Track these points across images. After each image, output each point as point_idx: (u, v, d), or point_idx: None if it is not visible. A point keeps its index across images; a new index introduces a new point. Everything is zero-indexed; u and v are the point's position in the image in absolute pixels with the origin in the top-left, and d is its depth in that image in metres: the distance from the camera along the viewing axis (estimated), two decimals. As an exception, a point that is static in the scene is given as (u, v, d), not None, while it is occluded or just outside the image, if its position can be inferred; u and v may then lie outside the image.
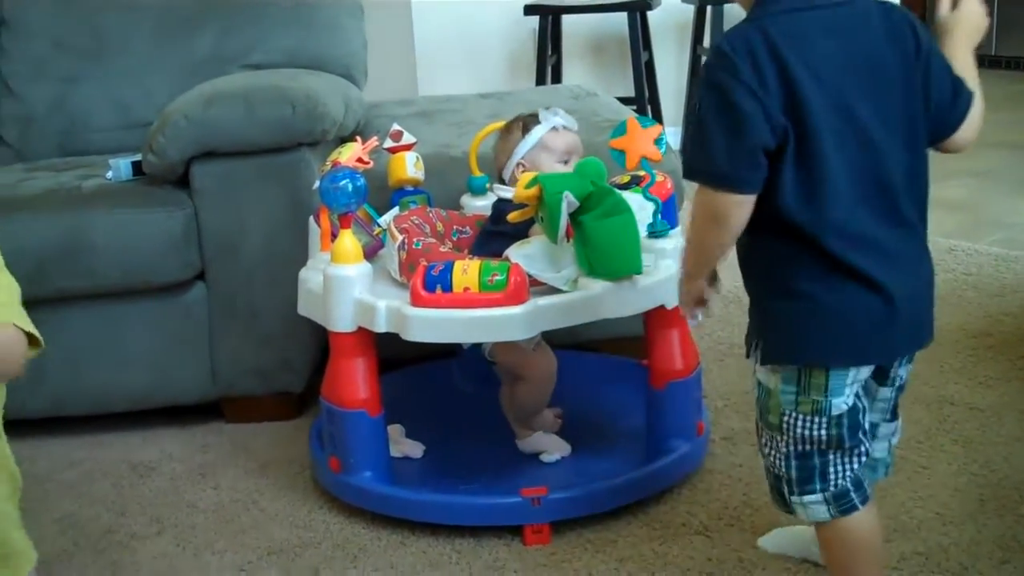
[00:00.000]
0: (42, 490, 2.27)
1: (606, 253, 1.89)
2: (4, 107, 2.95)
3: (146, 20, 2.97)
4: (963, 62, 1.51)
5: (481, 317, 1.85)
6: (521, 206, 1.93)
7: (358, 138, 2.15)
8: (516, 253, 1.95)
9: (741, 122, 1.36)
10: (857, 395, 1.50)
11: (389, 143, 2.34)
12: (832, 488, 1.53)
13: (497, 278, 1.87)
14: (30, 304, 1.31)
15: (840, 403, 1.48)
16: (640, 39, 4.48)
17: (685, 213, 2.13)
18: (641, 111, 4.42)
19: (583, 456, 2.16)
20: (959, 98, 1.48)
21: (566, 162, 2.10)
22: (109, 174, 2.49)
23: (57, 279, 2.32)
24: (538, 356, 2.11)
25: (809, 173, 1.39)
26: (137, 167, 2.47)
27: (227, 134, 2.31)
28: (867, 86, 1.40)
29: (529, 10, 4.50)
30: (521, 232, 1.99)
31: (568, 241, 1.92)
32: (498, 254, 1.97)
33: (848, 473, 1.53)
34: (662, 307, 1.99)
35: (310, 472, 2.24)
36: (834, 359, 1.46)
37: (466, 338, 1.98)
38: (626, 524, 2.00)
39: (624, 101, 4.41)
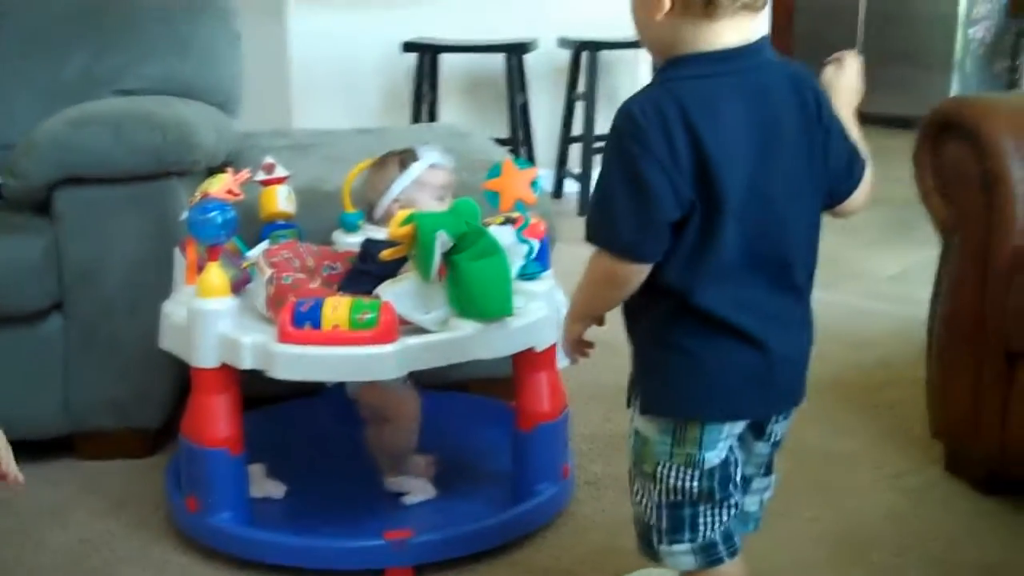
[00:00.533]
0: None
1: (478, 294, 1.88)
2: None
3: (13, 37, 2.85)
4: (849, 124, 1.53)
5: (350, 355, 1.83)
6: (394, 243, 1.92)
7: (229, 169, 2.10)
8: (388, 291, 1.93)
9: (649, 197, 1.34)
10: (731, 448, 1.52)
11: (262, 175, 2.30)
12: (701, 539, 1.54)
13: (367, 316, 1.85)
14: None
15: (713, 457, 1.49)
16: (516, 81, 4.54)
17: (561, 253, 2.16)
18: (515, 152, 4.46)
19: (449, 498, 2.14)
20: (855, 164, 1.51)
21: (442, 199, 2.10)
22: (-36, 197, 2.39)
23: (-97, 304, 2.22)
24: (402, 396, 2.10)
25: (704, 241, 1.38)
26: (-4, 189, 2.38)
27: (95, 159, 2.24)
28: (773, 152, 1.39)
29: (408, 47, 4.52)
30: (391, 272, 1.97)
31: (440, 280, 1.91)
32: (367, 293, 1.95)
33: (718, 525, 1.54)
34: (531, 349, 2.00)
35: (165, 512, 2.16)
36: (709, 414, 1.47)
37: (334, 376, 1.95)
38: (490, 567, 1.98)
39: (499, 142, 4.44)
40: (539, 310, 1.99)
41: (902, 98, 6.37)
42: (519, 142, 4.61)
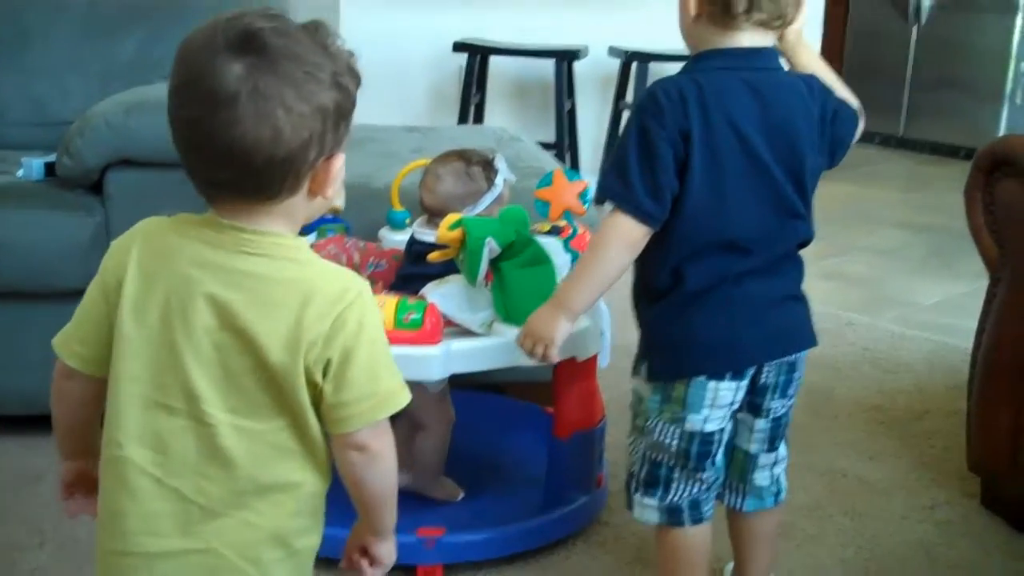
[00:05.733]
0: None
1: (523, 301, 1.88)
2: (-81, 93, 2.87)
3: (71, 20, 2.91)
4: (817, 66, 1.71)
5: (394, 355, 1.83)
6: (443, 246, 1.93)
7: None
8: (434, 291, 1.94)
9: (659, 167, 1.55)
10: (721, 430, 1.69)
11: (312, 168, 2.32)
12: (668, 501, 1.72)
13: (413, 316, 1.85)
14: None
15: (696, 420, 1.66)
16: (565, 87, 4.54)
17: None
18: (560, 158, 4.47)
19: (481, 500, 2.15)
20: (857, 122, 1.71)
21: None
22: (20, 172, 2.43)
23: (-44, 276, 2.25)
24: (439, 406, 2.10)
25: (698, 216, 1.59)
26: (50, 168, 2.41)
27: (146, 144, 2.26)
28: (778, 142, 1.59)
29: (458, 47, 4.54)
30: (440, 272, 1.98)
31: (487, 285, 1.92)
32: (414, 293, 1.96)
33: (686, 494, 1.72)
34: (573, 359, 2.00)
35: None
36: (693, 371, 1.65)
37: (376, 373, 1.96)
38: (520, 572, 1.99)
39: (544, 146, 4.46)
40: (581, 320, 1.99)
41: (950, 127, 6.35)
42: (564, 147, 4.61)
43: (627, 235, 1.59)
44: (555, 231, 2.13)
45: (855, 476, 2.40)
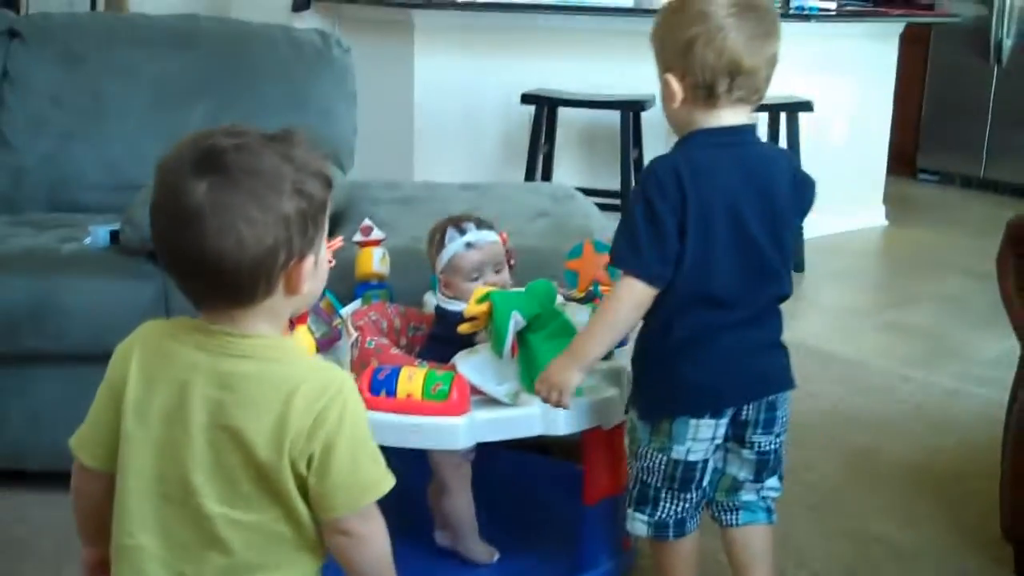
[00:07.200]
0: (-13, 544, 2.33)
1: (548, 373, 1.96)
2: (-1, 157, 3.06)
3: (144, 88, 3.08)
4: None
5: (420, 424, 1.93)
6: (471, 318, 2.01)
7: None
8: (463, 361, 2.03)
9: (664, 234, 1.75)
10: (705, 460, 1.90)
11: (359, 237, 2.43)
12: (656, 517, 1.94)
13: (440, 388, 1.94)
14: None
15: (680, 450, 1.87)
16: (631, 136, 4.60)
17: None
18: (626, 206, 4.53)
19: (512, 561, 2.21)
20: (814, 190, 1.92)
21: (476, 279, 2.14)
22: (87, 240, 2.58)
23: (26, 339, 2.41)
24: (460, 468, 2.16)
25: (692, 275, 1.78)
26: (115, 236, 2.55)
27: (206, 215, 2.39)
28: (762, 209, 1.80)
29: (526, 99, 4.63)
30: (465, 338, 2.06)
31: (513, 357, 2.00)
32: (442, 358, 2.05)
33: (672, 511, 1.94)
34: (599, 427, 2.06)
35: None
36: (677, 412, 1.86)
37: (405, 443, 2.02)
38: (545, 634, 2.06)
39: (610, 194, 4.54)
40: (606, 390, 2.06)
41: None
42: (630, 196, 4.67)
43: (638, 296, 1.79)
44: (589, 297, 2.21)
45: (888, 542, 2.42)
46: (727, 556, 2.01)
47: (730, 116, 1.80)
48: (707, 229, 1.76)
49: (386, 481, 1.30)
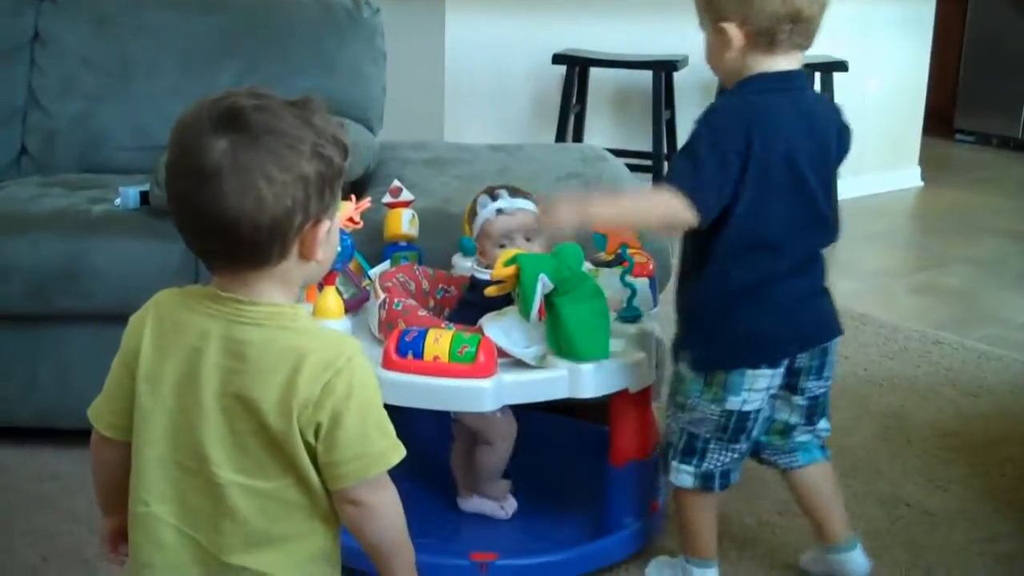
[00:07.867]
0: (19, 500, 2.36)
1: (575, 336, 1.96)
2: (30, 119, 3.07)
3: (173, 50, 3.08)
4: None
5: (447, 386, 1.93)
6: (499, 281, 2.00)
7: (352, 197, 2.23)
8: (490, 324, 2.02)
9: (726, 167, 1.78)
10: (758, 409, 1.92)
11: (388, 198, 2.42)
12: (703, 467, 1.96)
13: (467, 350, 1.94)
14: (29, 320, 1.36)
15: (735, 401, 1.90)
16: (663, 97, 4.57)
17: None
18: (657, 168, 4.50)
19: (536, 523, 2.22)
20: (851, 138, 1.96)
21: (502, 246, 2.15)
22: (117, 201, 2.59)
23: (56, 299, 2.42)
24: (502, 420, 2.18)
25: (747, 222, 1.81)
26: (144, 197, 2.56)
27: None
28: (816, 156, 1.85)
29: (557, 59, 4.60)
30: (496, 304, 2.06)
31: (540, 320, 1.99)
32: (472, 323, 2.05)
33: (719, 462, 1.96)
34: (626, 390, 2.06)
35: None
36: (735, 363, 1.89)
37: (432, 405, 2.03)
38: (571, 596, 2.06)
39: (642, 155, 4.51)
40: (635, 353, 2.05)
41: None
42: (662, 157, 4.63)
43: (675, 214, 1.79)
44: (617, 260, 2.19)
45: (918, 505, 2.40)
46: (796, 497, 2.08)
47: (785, 62, 1.84)
48: (766, 174, 1.79)
49: (395, 452, 1.30)
